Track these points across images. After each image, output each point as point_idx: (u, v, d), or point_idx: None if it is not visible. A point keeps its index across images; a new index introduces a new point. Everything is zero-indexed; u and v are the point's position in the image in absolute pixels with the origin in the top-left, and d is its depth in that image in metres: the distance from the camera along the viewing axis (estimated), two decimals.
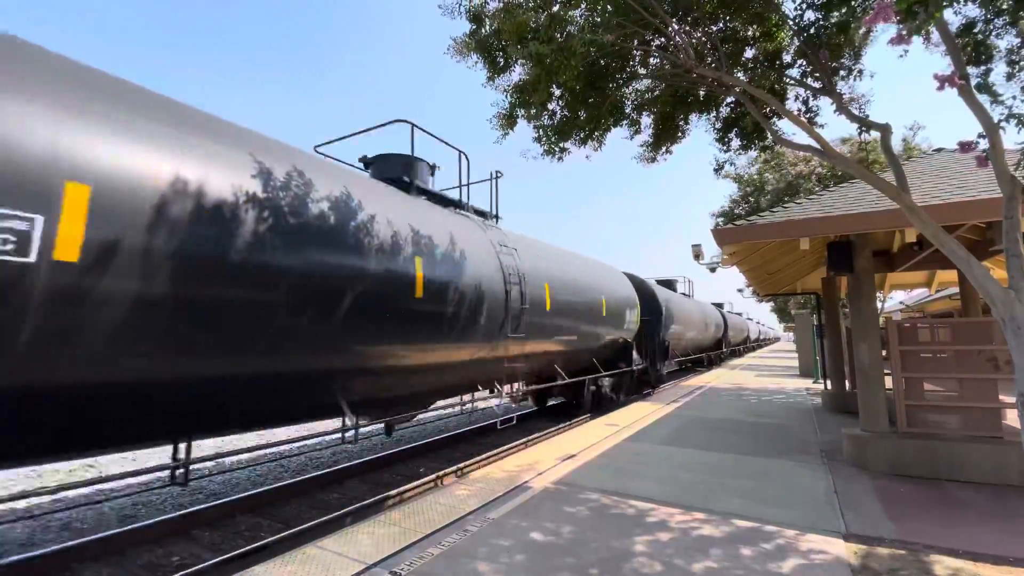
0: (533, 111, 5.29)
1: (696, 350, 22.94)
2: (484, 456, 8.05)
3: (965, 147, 3.57)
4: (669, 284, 21.15)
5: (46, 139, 3.16)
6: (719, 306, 31.99)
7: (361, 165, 7.38)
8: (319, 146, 6.87)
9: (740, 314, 46.17)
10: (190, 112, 4.41)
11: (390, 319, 5.49)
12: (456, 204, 8.04)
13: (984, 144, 3.62)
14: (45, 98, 3.27)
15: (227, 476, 7.42)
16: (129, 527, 5.19)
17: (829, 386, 11.33)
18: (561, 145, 5.61)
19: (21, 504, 5.85)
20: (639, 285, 14.81)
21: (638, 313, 13.48)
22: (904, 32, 3.71)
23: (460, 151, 7.69)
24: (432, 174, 7.72)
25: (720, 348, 28.93)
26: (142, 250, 3.47)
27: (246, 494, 6.24)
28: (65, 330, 3.21)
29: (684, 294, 23.07)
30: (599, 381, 11.66)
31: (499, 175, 8.57)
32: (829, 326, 11.37)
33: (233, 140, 4.51)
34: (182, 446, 4.40)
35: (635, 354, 13.25)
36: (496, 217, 8.82)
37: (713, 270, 12.46)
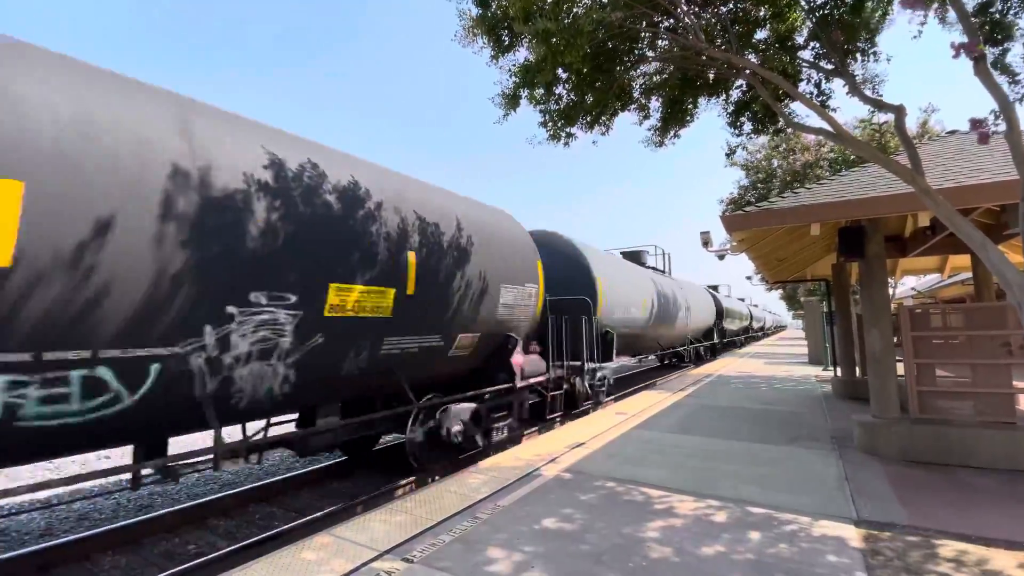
0: (538, 92, 5.19)
1: (737, 333, 35.48)
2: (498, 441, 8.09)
3: (977, 125, 3.49)
4: (716, 288, 32.40)
5: None
6: (741, 300, 44.17)
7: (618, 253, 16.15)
8: (608, 250, 14.24)
9: (756, 306, 59.14)
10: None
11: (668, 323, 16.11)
12: (660, 270, 17.78)
13: (1001, 125, 3.55)
14: None
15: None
16: (145, 516, 5.28)
17: (839, 373, 11.26)
18: (567, 130, 5.52)
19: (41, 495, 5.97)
20: (712, 294, 25.52)
21: (715, 312, 24.54)
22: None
23: (664, 249, 17.19)
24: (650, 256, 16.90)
25: (748, 333, 41.47)
26: None
27: (260, 483, 6.32)
28: None
29: (726, 296, 35.15)
30: (699, 347, 22.87)
31: (668, 253, 17.90)
32: (839, 313, 11.27)
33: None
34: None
35: (714, 334, 25.02)
36: (670, 272, 18.40)
37: (722, 257, 12.47)
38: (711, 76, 5.32)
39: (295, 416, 5.65)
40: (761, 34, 5.09)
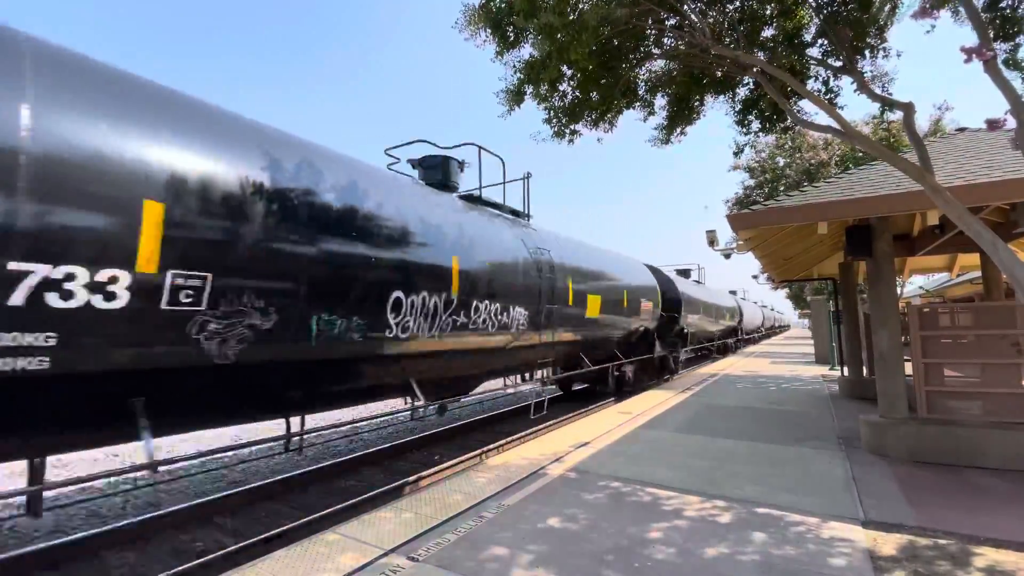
0: (543, 89, 5.15)
1: (765, 329, 42.16)
2: (505, 442, 8.11)
3: (993, 125, 3.46)
4: (752, 302, 37.82)
5: None
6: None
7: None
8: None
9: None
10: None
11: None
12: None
13: (1011, 122, 3.51)
14: None
15: (247, 465, 7.54)
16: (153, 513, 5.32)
17: (846, 373, 11.19)
18: (571, 127, 5.49)
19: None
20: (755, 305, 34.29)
21: (765, 317, 37.85)
22: (928, 5, 3.59)
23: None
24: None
25: (770, 329, 47.98)
26: None
27: (265, 481, 6.35)
28: None
29: (753, 302, 39.49)
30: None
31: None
32: (846, 312, 11.21)
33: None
34: None
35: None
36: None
37: (728, 256, 12.36)
38: (718, 74, 5.28)
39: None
40: (768, 32, 5.05)
